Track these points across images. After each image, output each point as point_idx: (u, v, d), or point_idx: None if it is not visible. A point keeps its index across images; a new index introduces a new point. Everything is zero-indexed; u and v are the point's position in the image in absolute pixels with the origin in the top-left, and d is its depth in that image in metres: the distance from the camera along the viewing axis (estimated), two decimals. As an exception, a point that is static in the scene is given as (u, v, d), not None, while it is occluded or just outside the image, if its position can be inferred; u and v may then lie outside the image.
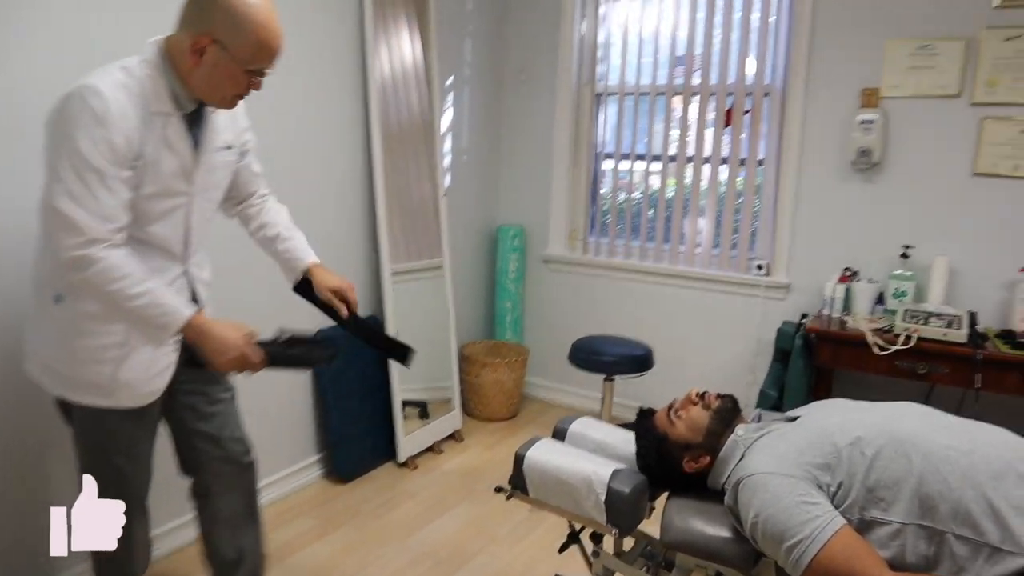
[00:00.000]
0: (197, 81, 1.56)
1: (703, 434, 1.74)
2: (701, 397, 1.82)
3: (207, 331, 1.59)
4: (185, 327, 1.57)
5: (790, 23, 3.29)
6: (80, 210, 1.44)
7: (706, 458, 1.74)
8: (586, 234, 4.06)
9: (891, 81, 3.10)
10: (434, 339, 3.54)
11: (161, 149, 1.56)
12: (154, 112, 1.54)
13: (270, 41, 1.54)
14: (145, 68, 1.54)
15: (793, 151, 3.32)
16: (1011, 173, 2.95)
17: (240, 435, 1.90)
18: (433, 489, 3.06)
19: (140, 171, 1.53)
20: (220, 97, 1.60)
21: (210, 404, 1.85)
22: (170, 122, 1.57)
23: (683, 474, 1.76)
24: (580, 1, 3.84)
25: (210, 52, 1.51)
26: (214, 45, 1.50)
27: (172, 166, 1.59)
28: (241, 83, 1.57)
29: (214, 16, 1.50)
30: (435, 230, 3.52)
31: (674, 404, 1.84)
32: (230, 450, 1.87)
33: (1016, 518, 1.38)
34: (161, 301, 1.54)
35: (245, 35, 1.51)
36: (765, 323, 3.47)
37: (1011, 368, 2.64)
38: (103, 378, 1.61)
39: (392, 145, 3.24)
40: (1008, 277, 2.94)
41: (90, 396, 1.63)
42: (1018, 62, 2.90)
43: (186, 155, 1.62)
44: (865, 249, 3.21)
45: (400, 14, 3.23)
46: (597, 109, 3.95)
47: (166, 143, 1.57)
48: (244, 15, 1.49)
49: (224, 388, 1.89)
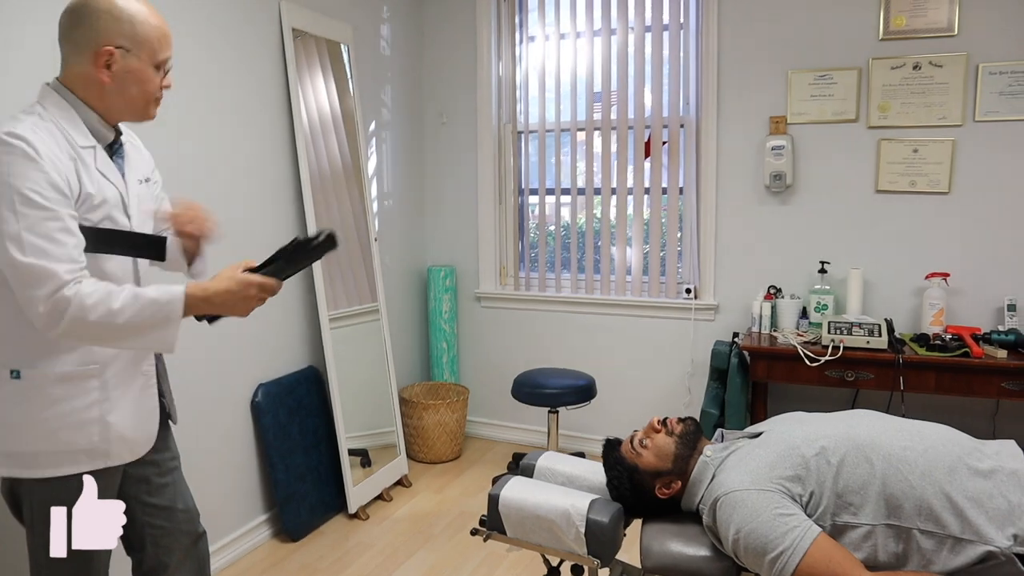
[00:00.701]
0: (113, 99, 1.51)
1: (671, 460, 1.79)
2: (663, 424, 1.87)
3: (210, 298, 1.51)
4: (186, 308, 1.48)
5: (698, 59, 3.48)
6: (45, 258, 1.35)
7: (677, 483, 1.79)
8: (516, 270, 4.12)
9: (796, 109, 3.32)
10: (374, 384, 3.49)
11: (98, 181, 1.49)
12: (79, 147, 1.47)
13: (161, 26, 1.53)
14: (51, 108, 1.47)
15: (711, 178, 3.49)
16: (908, 188, 3.19)
17: (192, 504, 1.81)
18: (388, 538, 2.99)
19: (85, 208, 1.46)
20: (142, 104, 1.54)
21: (161, 475, 1.75)
22: (97, 154, 1.51)
23: (657, 500, 1.80)
24: (496, 42, 3.94)
25: (116, 60, 1.47)
26: (117, 51, 1.46)
27: (112, 196, 1.52)
28: (155, 81, 1.54)
29: (99, 27, 1.45)
30: (369, 274, 3.50)
31: (635, 435, 1.87)
32: (184, 522, 1.78)
33: (972, 509, 1.49)
34: (150, 297, 1.45)
35: (139, 29, 1.48)
36: (697, 344, 3.59)
37: (928, 369, 2.84)
38: (93, 439, 1.51)
39: (322, 192, 3.21)
40: (916, 284, 3.18)
41: (76, 465, 1.51)
42: (904, 88, 3.16)
43: (120, 185, 1.56)
44: (786, 267, 3.39)
45: (315, 63, 3.23)
46: (519, 147, 4.04)
47: (101, 175, 1.50)
48: (127, 12, 1.47)
49: (172, 455, 1.80)
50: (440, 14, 4.01)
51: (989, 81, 3.04)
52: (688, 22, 3.51)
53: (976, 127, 3.07)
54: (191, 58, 2.57)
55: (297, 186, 3.09)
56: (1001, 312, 3.05)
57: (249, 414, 2.91)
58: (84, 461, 1.52)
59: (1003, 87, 3.02)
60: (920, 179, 3.16)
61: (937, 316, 3.02)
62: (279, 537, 2.98)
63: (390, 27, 3.81)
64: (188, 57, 2.57)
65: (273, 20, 2.97)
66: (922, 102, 3.13)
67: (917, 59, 3.12)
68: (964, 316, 3.13)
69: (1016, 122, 3.02)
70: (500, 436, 4.14)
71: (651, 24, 3.60)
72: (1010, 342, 2.81)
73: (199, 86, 2.63)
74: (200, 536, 1.83)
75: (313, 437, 3.13)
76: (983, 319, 3.11)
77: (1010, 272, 3.08)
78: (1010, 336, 2.82)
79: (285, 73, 3.02)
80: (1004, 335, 2.83)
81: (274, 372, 3.02)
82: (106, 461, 1.55)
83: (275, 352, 3.03)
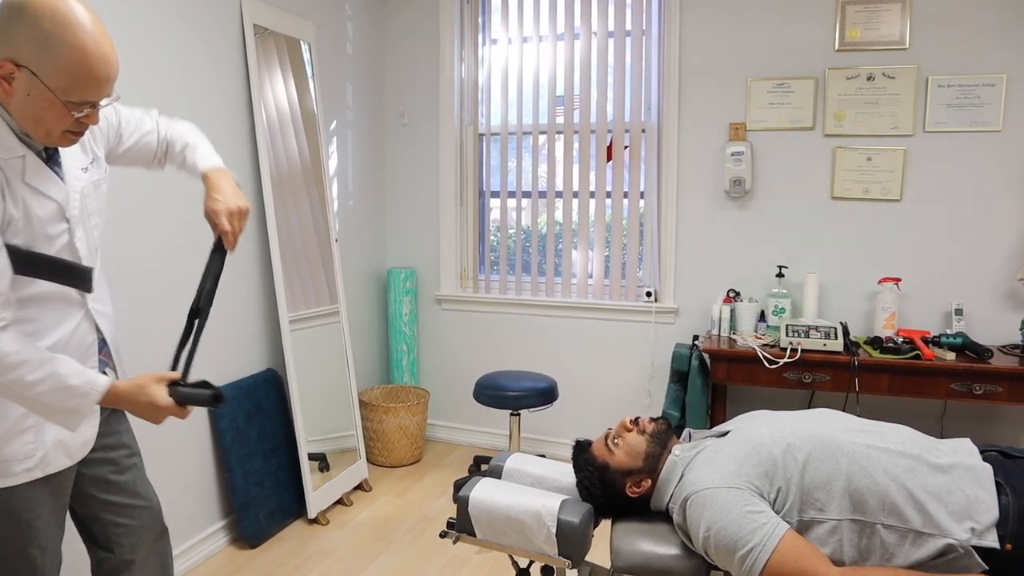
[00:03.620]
0: (16, 113, 1.31)
1: (643, 458, 1.80)
2: (635, 423, 1.88)
3: (121, 405, 1.48)
4: (102, 401, 1.45)
5: (660, 65, 3.53)
6: None
7: (648, 482, 1.80)
8: (477, 272, 4.11)
9: (755, 116, 3.38)
10: (334, 387, 3.44)
11: (28, 198, 1.34)
12: (2, 160, 1.31)
13: (92, 67, 1.27)
14: None
15: (671, 183, 3.54)
16: (862, 196, 3.29)
17: (155, 499, 1.77)
18: (349, 543, 2.95)
19: (10, 233, 1.32)
20: (45, 132, 1.33)
21: (119, 472, 1.70)
22: (27, 164, 1.35)
23: (627, 500, 1.81)
24: (459, 44, 3.93)
25: (18, 79, 1.25)
26: (20, 71, 1.24)
27: (47, 211, 1.38)
28: (64, 118, 1.30)
29: (18, 35, 1.23)
30: (330, 276, 3.45)
31: (610, 433, 1.89)
32: (148, 519, 1.73)
33: (933, 503, 1.53)
34: (68, 383, 1.38)
35: (56, 60, 1.24)
36: (657, 347, 3.63)
37: (882, 371, 2.92)
38: (28, 447, 1.44)
39: (282, 192, 3.16)
40: (869, 289, 3.27)
41: (12, 477, 1.45)
42: (858, 98, 3.25)
43: (59, 192, 1.41)
44: (744, 271, 3.46)
45: (275, 61, 3.17)
46: (481, 149, 4.03)
47: (31, 190, 1.35)
48: (55, 36, 1.23)
49: (130, 451, 1.74)
50: (403, 14, 3.99)
51: (938, 93, 3.14)
52: (650, 29, 3.55)
53: (926, 137, 3.17)
54: (149, 53, 2.50)
55: (258, 185, 3.04)
56: (949, 316, 3.16)
57: (206, 418, 2.83)
58: (20, 473, 1.46)
59: (951, 99, 3.13)
60: (873, 186, 3.26)
61: (889, 320, 3.11)
62: (237, 544, 2.91)
63: (353, 25, 3.77)
64: (146, 52, 2.50)
65: (234, 17, 2.91)
66: (875, 112, 3.23)
67: (871, 70, 3.21)
68: (915, 320, 3.23)
69: (962, 133, 3.13)
70: (461, 439, 4.12)
71: (614, 30, 3.63)
72: (958, 345, 2.91)
73: (157, 83, 2.56)
74: (163, 531, 1.79)
75: (272, 441, 3.07)
76: (932, 323, 3.22)
77: (957, 278, 3.19)
78: (958, 339, 2.92)
79: (246, 71, 2.96)
80: (952, 338, 2.93)
81: (232, 375, 2.95)
82: (43, 470, 1.48)
83: (233, 354, 2.97)
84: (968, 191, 3.15)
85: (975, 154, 3.12)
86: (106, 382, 1.46)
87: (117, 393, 1.47)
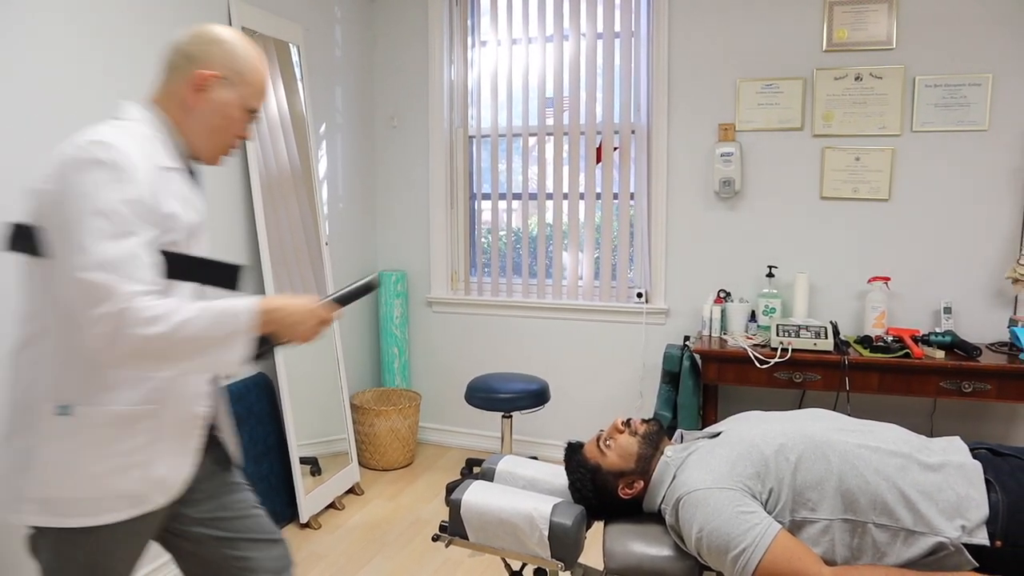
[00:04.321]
0: (193, 125, 1.47)
1: (635, 460, 1.80)
2: (627, 424, 1.88)
3: (280, 308, 1.41)
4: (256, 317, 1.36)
5: (649, 66, 3.54)
6: (114, 275, 1.23)
7: (640, 483, 1.80)
8: (468, 275, 4.10)
9: (744, 117, 3.40)
10: (325, 391, 3.42)
11: (179, 204, 1.40)
12: (161, 167, 1.38)
13: (264, 79, 1.55)
14: (138, 123, 1.41)
15: (661, 184, 3.55)
16: (851, 196, 3.30)
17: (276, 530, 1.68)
18: (341, 547, 2.94)
19: (164, 230, 1.35)
20: (218, 141, 1.51)
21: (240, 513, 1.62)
22: (181, 178, 1.44)
23: (619, 501, 1.81)
24: (448, 46, 3.93)
25: (213, 86, 1.46)
26: (217, 80, 1.46)
27: (191, 221, 1.43)
28: (239, 124, 1.52)
29: (212, 52, 1.46)
30: (320, 279, 3.44)
31: (602, 435, 1.89)
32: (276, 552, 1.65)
33: (923, 502, 1.54)
34: (218, 308, 1.32)
35: (247, 70, 1.49)
36: (648, 348, 3.64)
37: (872, 370, 2.93)
38: (134, 483, 1.39)
39: (272, 195, 3.14)
40: (859, 288, 3.29)
41: (116, 513, 1.38)
42: (846, 98, 3.27)
43: (199, 212, 1.47)
44: (735, 271, 3.47)
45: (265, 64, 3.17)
46: (471, 151, 4.03)
47: (181, 198, 1.41)
48: (243, 51, 1.50)
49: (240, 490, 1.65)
50: (392, 16, 3.99)
51: (925, 93, 3.16)
52: (639, 30, 3.56)
53: (913, 137, 3.19)
54: (137, 55, 2.49)
55: (247, 188, 3.02)
56: (938, 314, 3.18)
57: (196, 423, 2.81)
58: (124, 508, 1.39)
59: (937, 99, 3.15)
60: (862, 186, 3.27)
61: (879, 319, 3.13)
62: (228, 549, 2.89)
63: (342, 28, 3.76)
64: (134, 54, 2.49)
65: (222, 20, 2.90)
66: (863, 112, 3.24)
67: (859, 70, 3.23)
68: (904, 319, 3.25)
69: (949, 133, 3.15)
70: (453, 442, 4.11)
71: (603, 31, 3.64)
72: (947, 343, 2.93)
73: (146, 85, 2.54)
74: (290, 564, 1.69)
75: (263, 445, 3.05)
76: (921, 321, 3.23)
77: (946, 276, 3.21)
78: (947, 337, 2.94)
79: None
80: (941, 336, 2.95)
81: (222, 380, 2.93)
82: (143, 507, 1.42)
83: (223, 359, 2.94)
84: (956, 190, 3.17)
85: (962, 153, 3.14)
86: (253, 299, 1.39)
87: (268, 303, 1.39)
